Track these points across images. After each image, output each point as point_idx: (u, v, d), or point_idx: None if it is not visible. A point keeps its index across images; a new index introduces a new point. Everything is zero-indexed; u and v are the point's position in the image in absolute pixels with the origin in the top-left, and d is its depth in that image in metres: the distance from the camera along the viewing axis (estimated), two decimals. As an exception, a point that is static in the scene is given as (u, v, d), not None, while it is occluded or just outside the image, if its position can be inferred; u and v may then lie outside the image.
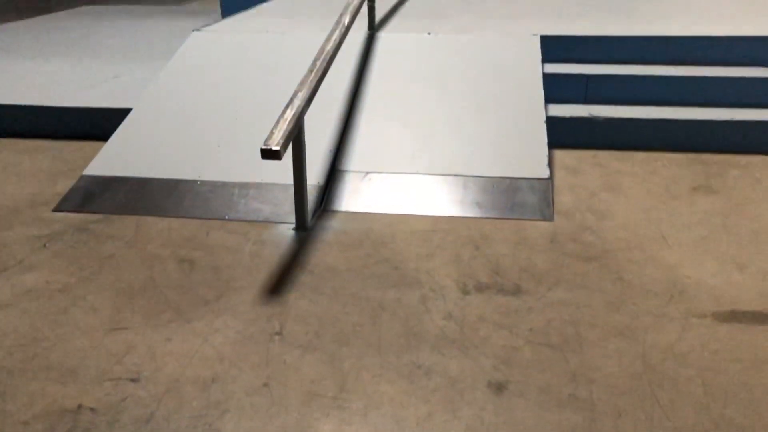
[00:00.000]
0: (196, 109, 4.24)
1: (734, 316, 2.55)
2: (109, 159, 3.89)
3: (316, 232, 3.27)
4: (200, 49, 4.90)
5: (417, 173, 3.70)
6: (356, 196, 3.59)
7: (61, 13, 8.65)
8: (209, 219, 3.42)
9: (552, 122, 4.28)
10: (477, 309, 2.62)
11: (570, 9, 5.91)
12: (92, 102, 4.65)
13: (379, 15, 5.60)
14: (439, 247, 3.11)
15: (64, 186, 3.82)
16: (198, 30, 5.12)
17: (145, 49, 6.17)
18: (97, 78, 5.27)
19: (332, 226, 3.34)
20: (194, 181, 3.68)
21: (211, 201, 3.55)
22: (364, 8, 5.00)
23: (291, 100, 3.09)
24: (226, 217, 3.43)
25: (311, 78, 3.31)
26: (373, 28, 5.03)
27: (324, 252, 3.08)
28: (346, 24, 4.06)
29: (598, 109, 4.41)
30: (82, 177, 3.78)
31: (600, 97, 4.53)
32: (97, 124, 4.54)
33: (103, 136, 4.27)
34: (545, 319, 2.56)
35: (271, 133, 2.83)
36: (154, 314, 2.61)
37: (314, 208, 3.48)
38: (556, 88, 4.52)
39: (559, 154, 4.23)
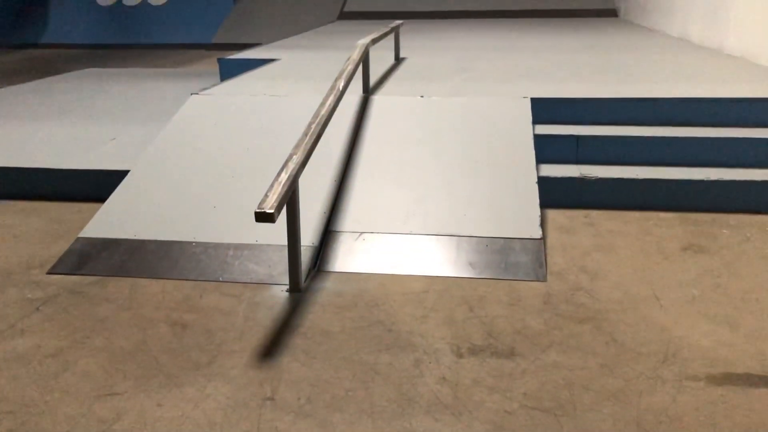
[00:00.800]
0: (194, 171, 4.30)
1: (728, 379, 2.54)
2: (105, 221, 3.92)
3: (310, 294, 3.27)
4: (198, 111, 4.99)
5: (410, 233, 3.73)
6: (350, 257, 3.61)
7: (65, 76, 8.82)
8: (203, 281, 3.43)
9: (544, 182, 4.33)
10: (471, 372, 2.61)
11: (559, 72, 6.05)
12: (89, 164, 4.71)
13: (373, 78, 5.72)
14: (432, 308, 3.12)
15: (59, 248, 3.83)
16: (196, 93, 5.23)
17: (143, 112, 6.27)
18: (95, 140, 5.34)
19: (326, 287, 3.34)
20: (189, 243, 3.70)
21: (206, 262, 3.56)
22: (359, 71, 5.12)
23: (286, 164, 3.14)
24: (221, 279, 3.44)
25: (306, 141, 3.38)
26: (368, 91, 5.14)
27: (317, 314, 3.08)
28: (340, 88, 4.16)
29: (589, 169, 4.47)
30: (78, 239, 3.80)
31: (591, 158, 4.60)
32: (95, 186, 4.58)
33: (101, 197, 4.29)
34: (539, 382, 2.54)
35: (266, 196, 2.87)
36: (146, 379, 2.59)
37: (308, 269, 3.50)
38: (547, 149, 4.60)
39: (551, 213, 4.27)
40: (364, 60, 5.10)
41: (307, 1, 14.52)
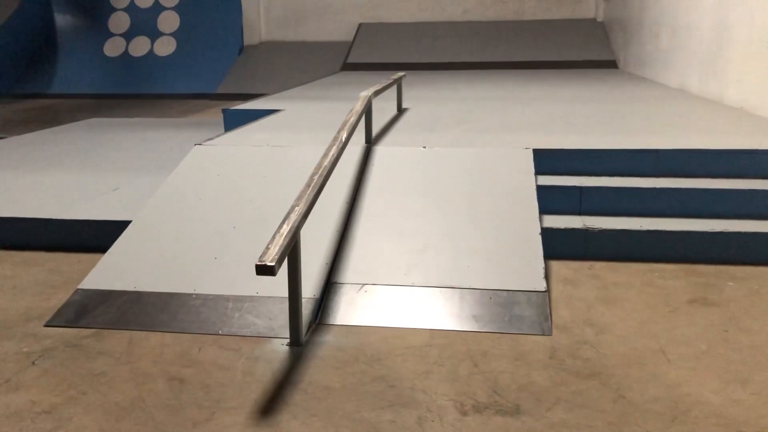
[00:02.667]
0: (195, 222, 4.28)
1: (740, 438, 2.47)
2: (105, 272, 3.89)
3: (311, 348, 3.22)
4: (201, 162, 5.00)
5: (413, 285, 3.69)
6: (352, 309, 3.56)
7: (69, 126, 8.90)
8: (202, 334, 3.38)
9: (547, 233, 4.30)
10: (476, 431, 2.54)
11: (560, 123, 6.09)
12: (90, 214, 4.70)
13: (376, 129, 5.76)
14: (436, 363, 3.06)
15: (58, 300, 3.79)
16: (200, 144, 5.25)
17: (147, 162, 6.30)
18: (97, 190, 5.34)
19: (327, 340, 3.29)
20: (189, 295, 3.66)
21: (205, 315, 3.51)
22: (362, 123, 5.15)
23: (287, 215, 3.13)
24: (220, 332, 3.39)
25: (308, 192, 3.37)
26: (370, 142, 5.16)
27: (318, 369, 3.02)
28: (343, 140, 4.17)
29: (592, 221, 4.45)
30: (77, 291, 3.76)
31: (594, 209, 4.59)
32: (95, 236, 4.56)
33: (101, 248, 4.26)
34: (545, 441, 2.47)
35: (267, 248, 2.85)
36: (141, 437, 2.52)
37: (309, 322, 3.45)
38: (550, 200, 4.58)
39: (555, 265, 4.23)
40: (367, 111, 5.13)
41: (310, 52, 14.76)
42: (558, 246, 4.34)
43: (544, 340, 3.26)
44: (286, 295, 3.24)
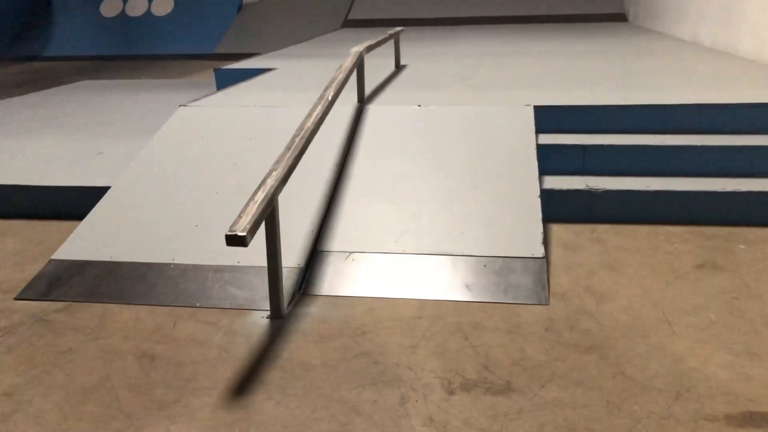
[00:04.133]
0: (176, 188, 4.07)
1: (750, 419, 2.27)
2: (80, 242, 3.70)
3: (292, 321, 3.03)
4: (185, 124, 4.78)
5: (404, 253, 3.49)
6: (338, 279, 3.36)
7: (59, 89, 8.66)
8: (179, 306, 3.19)
9: (548, 195, 4.08)
10: (462, 412, 2.36)
11: (564, 79, 5.80)
12: (70, 181, 4.50)
13: (370, 87, 5.50)
14: (424, 336, 2.86)
15: (32, 271, 3.62)
16: (184, 105, 5.02)
17: (135, 125, 6.07)
18: (81, 155, 5.13)
19: (310, 312, 3.10)
20: (167, 265, 3.47)
21: (183, 286, 3.33)
22: (355, 81, 4.89)
23: (263, 181, 2.91)
24: (197, 305, 3.21)
25: (288, 156, 3.14)
26: (363, 101, 4.91)
27: (298, 344, 2.83)
28: (330, 98, 3.93)
29: (596, 181, 4.21)
30: (50, 261, 3.58)
31: (598, 169, 4.34)
32: (76, 203, 4.35)
33: (82, 216, 4.08)
34: (537, 423, 2.29)
35: (239, 217, 2.64)
36: (103, 421, 2.36)
37: (293, 292, 3.26)
38: (551, 160, 4.34)
39: (555, 229, 4.01)
40: (359, 68, 4.87)
41: (311, 9, 14.36)
42: (559, 208, 4.12)
43: (540, 311, 3.06)
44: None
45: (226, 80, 7.15)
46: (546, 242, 3.66)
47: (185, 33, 14.35)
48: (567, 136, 4.50)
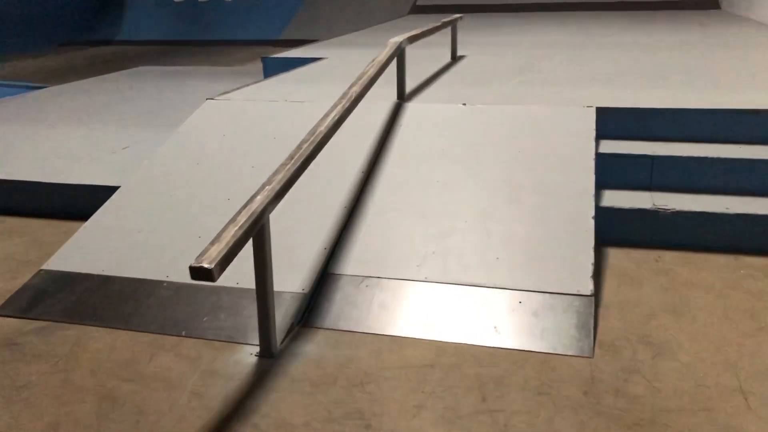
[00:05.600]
0: (186, 192, 3.70)
1: None
2: (74, 251, 3.38)
3: (283, 361, 2.59)
4: (209, 119, 4.40)
5: (426, 281, 2.99)
6: (347, 310, 2.90)
7: (112, 75, 8.51)
8: (163, 335, 2.81)
9: (606, 213, 3.50)
10: None
11: (639, 75, 5.12)
12: (85, 178, 4.20)
13: (417, 81, 4.99)
14: (433, 393, 2.37)
15: (24, 280, 3.31)
16: (211, 98, 4.65)
17: (171, 116, 5.75)
18: (107, 148, 4.85)
19: (306, 351, 2.65)
20: (160, 283, 3.09)
21: (172, 309, 2.94)
22: (395, 74, 4.38)
23: (252, 198, 2.47)
24: (183, 333, 2.81)
25: (288, 167, 2.69)
26: (403, 97, 4.41)
27: (283, 394, 2.39)
28: (354, 96, 3.46)
29: (665, 199, 3.59)
30: (39, 272, 3.27)
31: (669, 184, 3.71)
32: (87, 203, 4.02)
33: (89, 216, 3.77)
34: None
35: (211, 244, 2.21)
36: (31, 488, 1.98)
37: (292, 323, 2.82)
38: (613, 171, 3.74)
39: (612, 254, 3.42)
40: (399, 61, 4.37)
41: (380, -5, 13.88)
42: (619, 229, 3.53)
43: (581, 365, 2.51)
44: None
45: (273, 69, 6.79)
46: (597, 273, 3.10)
47: (252, 19, 14.17)
48: (634, 144, 3.88)
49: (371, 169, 3.71)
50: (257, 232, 2.45)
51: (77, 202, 4.13)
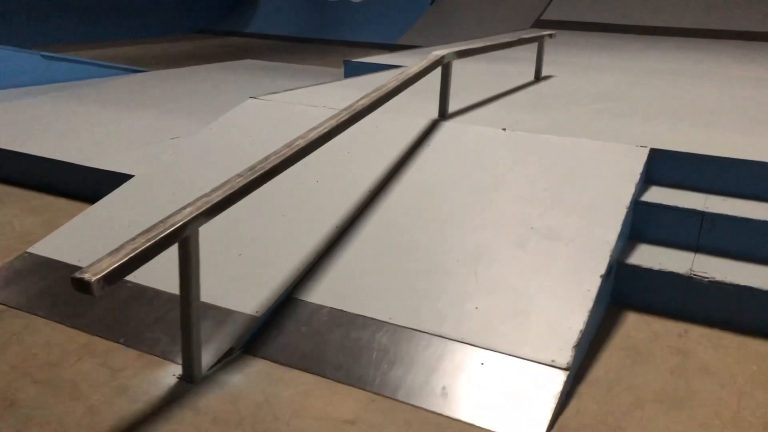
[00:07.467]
0: (187, 191, 3.56)
1: None
2: (64, 237, 3.36)
3: (201, 389, 2.39)
4: (246, 118, 4.29)
5: (389, 322, 2.68)
6: (294, 341, 2.65)
7: (221, 65, 8.71)
8: (103, 338, 2.69)
9: (633, 272, 3.04)
10: None
11: (730, 114, 4.48)
12: (120, 165, 4.21)
13: (477, 99, 4.63)
14: (335, 456, 2.08)
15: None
16: (254, 97, 4.54)
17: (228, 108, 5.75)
18: (160, 136, 4.89)
19: (231, 382, 2.43)
20: (126, 282, 2.98)
21: (124, 312, 2.82)
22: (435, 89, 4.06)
23: (178, 211, 2.29)
24: (121, 341, 2.67)
25: (235, 182, 2.48)
26: (444, 115, 4.08)
27: (178, 427, 2.19)
28: (359, 110, 3.19)
29: (709, 264, 3.05)
30: (23, 254, 3.26)
31: (718, 246, 3.15)
32: (111, 189, 4.06)
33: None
34: None
35: (108, 255, 2.04)
36: None
37: (233, 347, 2.61)
38: (657, 224, 3.25)
39: (631, 321, 2.94)
40: (444, 75, 4.05)
41: (510, 5, 13.42)
42: (645, 293, 3.05)
43: (522, 453, 2.12)
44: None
45: (354, 73, 6.66)
46: (599, 340, 2.65)
47: (374, 21, 14.16)
48: (687, 195, 3.35)
49: (380, 189, 3.43)
50: (182, 246, 2.27)
51: (102, 189, 4.14)
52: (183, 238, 2.25)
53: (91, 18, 13.65)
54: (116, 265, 2.00)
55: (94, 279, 1.92)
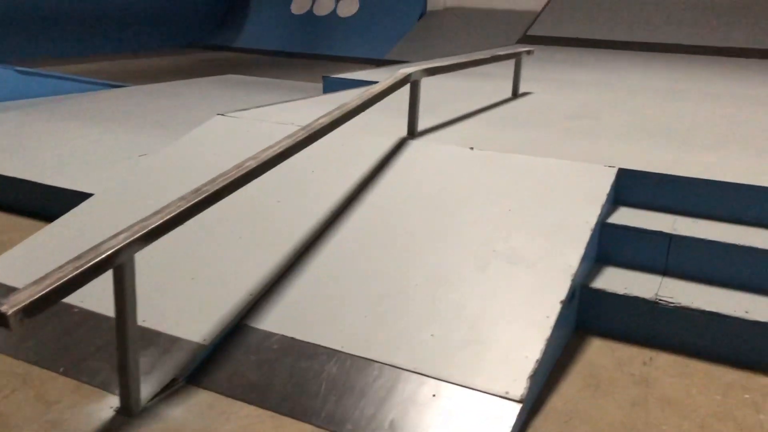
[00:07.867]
0: (153, 209, 3.48)
1: None
2: (13, 259, 3.25)
3: (138, 422, 2.28)
4: (209, 136, 4.21)
5: (340, 350, 2.58)
6: (240, 371, 2.55)
7: (200, 80, 8.63)
8: (41, 368, 2.58)
9: (597, 297, 2.95)
10: None
11: (709, 133, 4.41)
12: (84, 184, 4.10)
13: (450, 116, 4.56)
14: (269, 496, 1.97)
15: (-37, 283, 3.22)
16: (222, 114, 4.45)
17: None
18: (127, 154, 4.79)
19: (169, 416, 2.32)
20: (71, 308, 2.87)
21: (68, 340, 2.71)
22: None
23: (113, 237, 2.19)
24: (61, 370, 2.57)
25: (174, 207, 2.39)
26: (413, 133, 4.00)
27: (106, 465, 2.08)
28: (318, 129, 3.10)
29: (677, 288, 2.96)
30: (-31, 278, 3.15)
31: (686, 270, 3.07)
32: (71, 208, 3.96)
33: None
34: None
35: (33, 283, 1.94)
36: None
37: (176, 377, 2.50)
38: (623, 246, 3.16)
39: (594, 347, 2.85)
40: (413, 94, 3.98)
41: (495, 21, 13.41)
42: (610, 318, 2.96)
43: (468, 492, 2.01)
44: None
45: (333, 89, 6.59)
46: (560, 368, 2.55)
47: (362, 37, 14.12)
48: (655, 217, 3.26)
49: (341, 211, 3.34)
50: (116, 273, 2.17)
51: (63, 208, 4.04)
52: (117, 266, 2.15)
53: (80, 32, 13.57)
54: (38, 296, 1.89)
55: (11, 311, 1.82)
